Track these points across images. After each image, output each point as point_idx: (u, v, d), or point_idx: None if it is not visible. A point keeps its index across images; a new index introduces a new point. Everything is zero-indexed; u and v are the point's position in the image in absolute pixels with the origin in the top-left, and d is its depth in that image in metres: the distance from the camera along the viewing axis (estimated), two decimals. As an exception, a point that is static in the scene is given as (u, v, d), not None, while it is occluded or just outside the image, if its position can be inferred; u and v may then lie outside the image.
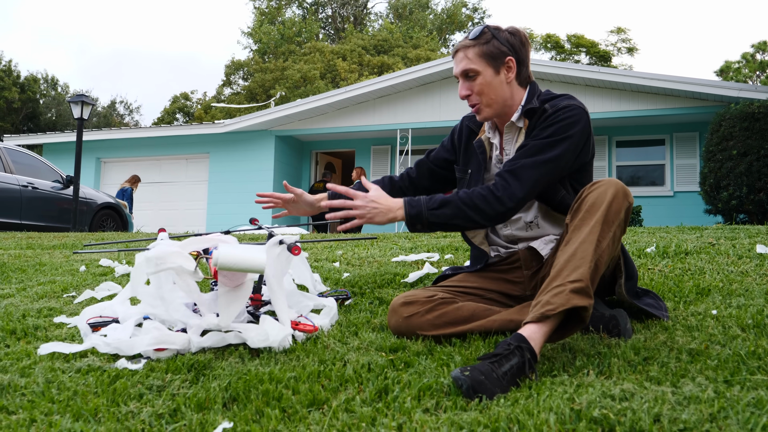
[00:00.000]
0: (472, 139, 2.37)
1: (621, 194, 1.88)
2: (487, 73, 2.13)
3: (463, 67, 2.15)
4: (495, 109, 2.17)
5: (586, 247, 1.79)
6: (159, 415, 1.49)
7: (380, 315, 2.42)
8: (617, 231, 1.87)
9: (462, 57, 2.15)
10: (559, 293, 1.72)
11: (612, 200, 1.85)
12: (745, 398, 1.39)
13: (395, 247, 4.26)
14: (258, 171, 14.15)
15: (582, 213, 1.87)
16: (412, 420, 1.40)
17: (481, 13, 37.84)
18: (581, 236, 1.82)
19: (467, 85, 2.16)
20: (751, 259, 3.14)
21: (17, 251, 5.06)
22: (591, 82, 11.97)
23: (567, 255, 1.80)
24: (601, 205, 1.85)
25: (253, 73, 33.39)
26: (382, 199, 2.06)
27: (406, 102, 13.48)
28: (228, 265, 1.89)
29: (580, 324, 1.75)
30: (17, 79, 30.56)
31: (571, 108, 2.09)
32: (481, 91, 2.14)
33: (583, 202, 1.90)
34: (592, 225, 1.82)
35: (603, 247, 1.81)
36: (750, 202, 9.57)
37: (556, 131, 2.05)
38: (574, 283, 1.72)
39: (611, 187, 1.88)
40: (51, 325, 2.43)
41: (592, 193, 1.90)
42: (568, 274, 1.75)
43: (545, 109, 2.12)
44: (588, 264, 1.76)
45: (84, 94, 11.15)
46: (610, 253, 1.85)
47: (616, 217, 1.86)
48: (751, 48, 27.98)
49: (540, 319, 1.71)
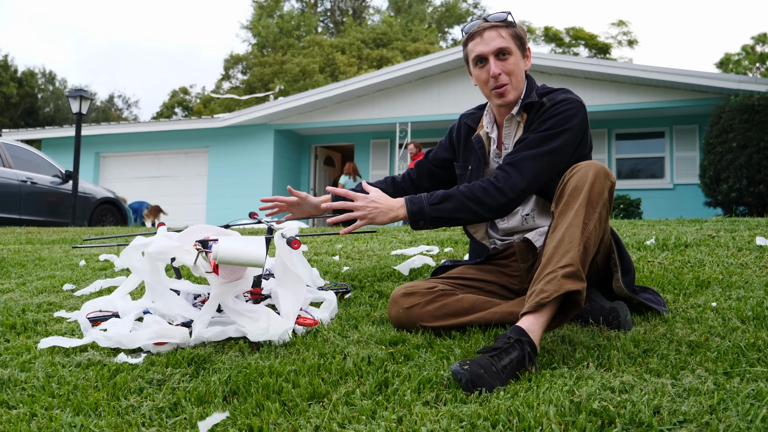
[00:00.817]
0: (470, 136, 2.38)
1: (602, 174, 1.88)
2: (518, 55, 2.16)
3: (499, 45, 2.12)
4: (518, 92, 2.17)
5: (572, 231, 1.80)
6: (159, 408, 1.49)
7: (380, 308, 2.42)
8: (602, 211, 1.87)
9: (496, 35, 2.13)
10: (551, 280, 1.73)
11: (594, 181, 1.86)
12: (745, 390, 1.39)
13: (395, 241, 4.26)
14: (257, 165, 14.14)
15: (565, 198, 1.88)
16: (412, 413, 1.40)
17: (482, 9, 37.75)
18: (567, 221, 1.82)
19: (500, 64, 2.13)
20: (750, 251, 3.14)
21: (17, 246, 5.05)
22: (590, 74, 11.95)
23: (555, 241, 1.81)
24: (582, 187, 1.85)
25: (252, 67, 33.33)
26: (382, 199, 2.06)
27: (405, 95, 13.46)
28: (227, 259, 1.89)
29: (575, 308, 1.76)
30: (15, 74, 30.50)
31: (569, 101, 2.10)
32: (511, 71, 2.14)
33: (565, 186, 1.90)
34: (576, 208, 1.83)
35: (590, 229, 1.82)
36: (750, 194, 9.57)
37: (555, 124, 2.06)
38: (564, 268, 1.73)
39: (591, 168, 1.88)
40: (51, 320, 2.43)
41: (573, 176, 1.90)
42: (558, 260, 1.76)
43: (543, 102, 2.13)
44: (577, 247, 1.77)
45: (82, 88, 11.16)
46: (597, 234, 1.85)
47: (600, 197, 1.86)
48: (751, 40, 27.96)
49: (536, 308, 1.71)
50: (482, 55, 2.15)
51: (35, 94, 32.28)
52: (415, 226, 2.06)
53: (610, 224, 2.19)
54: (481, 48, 2.14)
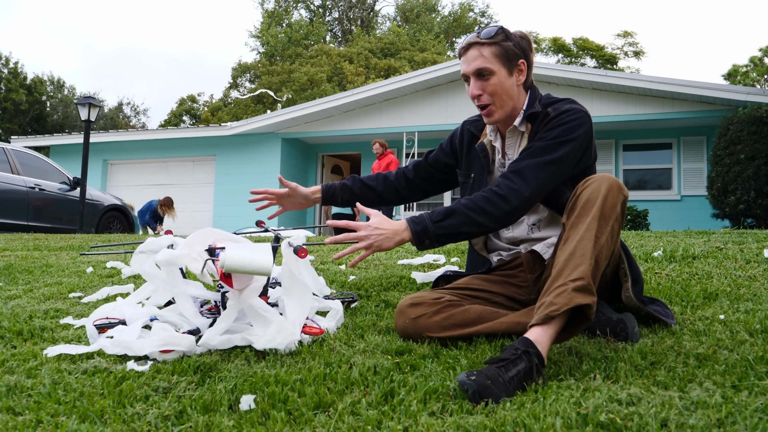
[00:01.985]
0: (474, 143, 2.36)
1: (615, 188, 1.87)
2: (502, 73, 2.11)
3: (477, 66, 2.10)
4: (505, 111, 2.15)
5: (584, 245, 1.78)
6: (165, 416, 1.49)
7: (386, 318, 2.41)
8: (615, 225, 1.86)
9: (476, 55, 2.10)
10: (561, 293, 1.71)
11: (606, 195, 1.85)
12: (753, 404, 1.38)
13: (401, 250, 4.26)
14: (264, 173, 14.17)
15: (578, 210, 1.87)
16: (418, 423, 1.40)
17: (488, 18, 37.83)
18: (579, 234, 1.81)
19: (479, 84, 2.11)
20: (759, 263, 3.13)
21: (24, 252, 5.07)
22: (597, 85, 11.95)
23: (566, 254, 1.79)
24: (595, 200, 1.84)
25: (260, 75, 33.45)
26: (385, 224, 2.02)
27: (412, 105, 13.49)
28: (234, 267, 1.89)
29: (585, 322, 1.75)
30: (24, 81, 30.68)
31: (574, 111, 2.09)
32: (494, 92, 2.11)
33: (578, 199, 1.89)
34: (588, 221, 1.82)
35: (602, 243, 1.80)
36: (758, 206, 9.53)
37: (560, 134, 2.05)
38: (575, 282, 1.72)
39: (605, 182, 1.87)
40: (57, 327, 2.44)
41: (586, 189, 1.89)
42: (569, 273, 1.74)
43: (548, 112, 2.12)
44: (588, 261, 1.75)
45: (91, 96, 11.20)
46: (609, 248, 1.84)
47: (612, 211, 1.85)
48: (759, 51, 27.88)
49: (545, 320, 1.70)
50: (465, 75, 2.16)
51: (44, 102, 32.46)
52: (421, 247, 2.02)
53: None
54: (463, 67, 2.15)
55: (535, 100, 2.18)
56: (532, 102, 2.18)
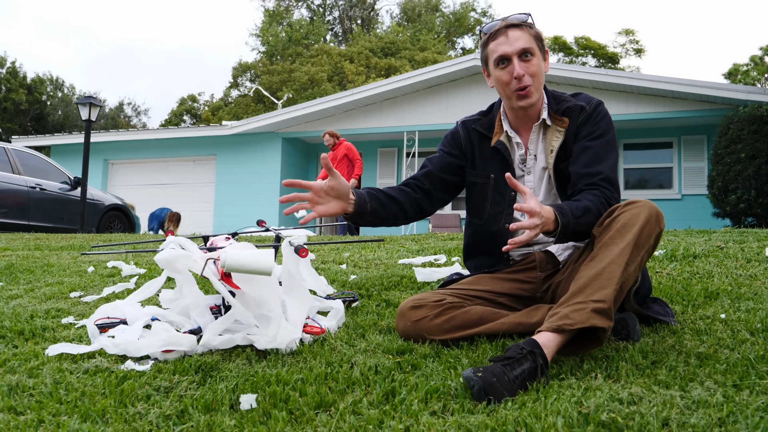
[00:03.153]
0: (485, 142, 2.28)
1: (654, 219, 1.84)
2: (539, 57, 2.12)
3: (523, 45, 2.07)
4: (539, 95, 2.13)
5: (613, 269, 1.75)
6: (166, 416, 1.49)
7: (387, 317, 2.41)
8: (645, 256, 1.84)
9: (520, 35, 2.08)
10: (580, 309, 1.69)
11: (645, 224, 1.82)
12: (755, 402, 1.38)
13: (402, 250, 4.26)
14: (265, 173, 14.18)
15: (613, 231, 1.83)
16: (419, 423, 1.40)
17: (490, 18, 37.80)
18: (610, 256, 1.78)
19: (523, 65, 2.08)
20: (759, 262, 3.13)
21: (25, 252, 5.08)
22: (598, 84, 11.95)
23: (593, 272, 1.76)
24: (633, 227, 1.81)
25: (261, 75, 33.45)
26: (545, 211, 1.86)
27: (413, 104, 13.49)
28: (235, 266, 1.89)
29: (596, 344, 1.73)
30: (24, 81, 30.67)
31: (601, 104, 2.15)
32: (534, 73, 2.09)
33: (614, 220, 1.86)
34: (622, 247, 1.78)
35: (630, 271, 1.78)
36: (758, 205, 9.53)
37: (607, 130, 2.11)
38: (597, 303, 1.70)
39: (645, 209, 1.84)
40: (59, 326, 2.44)
41: (626, 212, 1.85)
42: (592, 292, 1.72)
43: (583, 106, 2.13)
44: (614, 286, 1.73)
45: (91, 95, 11.20)
46: (634, 276, 1.82)
47: (647, 242, 1.82)
48: (760, 51, 27.88)
49: (557, 330, 1.69)
50: (505, 56, 2.09)
51: (44, 101, 32.45)
52: (555, 237, 1.91)
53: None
54: (505, 48, 2.09)
55: (555, 95, 2.19)
56: (554, 97, 2.18)
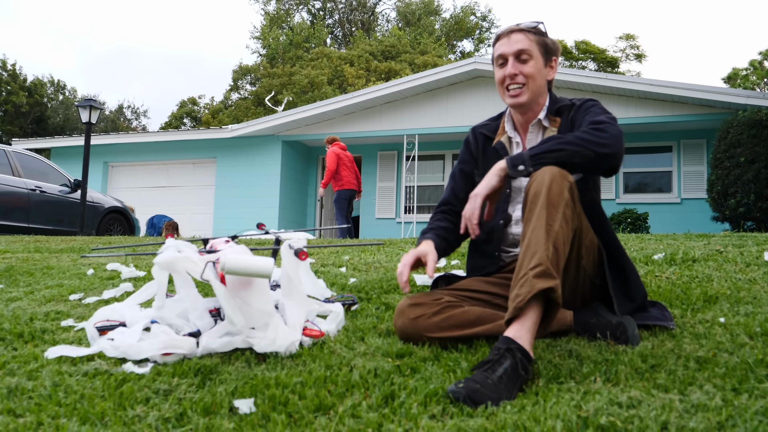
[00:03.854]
0: (488, 145, 2.37)
1: (558, 176, 1.89)
2: (539, 62, 2.20)
3: (521, 47, 2.17)
4: (533, 97, 2.20)
5: (537, 234, 1.81)
6: (165, 419, 1.49)
7: (387, 320, 2.41)
8: (566, 211, 1.87)
9: (521, 38, 2.18)
10: (523, 283, 1.74)
11: (550, 183, 1.86)
12: (753, 406, 1.39)
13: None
14: (265, 176, 14.18)
15: (528, 204, 1.90)
16: (418, 426, 1.40)
17: (489, 22, 37.82)
18: (531, 225, 1.84)
19: (518, 66, 2.18)
20: (759, 266, 3.13)
21: (25, 254, 5.08)
22: (598, 88, 11.96)
23: (524, 247, 1.83)
24: (541, 191, 1.86)
25: (261, 78, 33.47)
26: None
27: (413, 108, 13.50)
28: (235, 269, 1.89)
29: (556, 307, 1.77)
30: (24, 83, 30.68)
31: (591, 100, 2.20)
32: (529, 75, 2.17)
33: (527, 195, 1.92)
34: (537, 212, 1.84)
35: (555, 229, 1.83)
36: (758, 209, 9.54)
37: (597, 110, 2.12)
38: (534, 269, 1.74)
39: (547, 172, 1.89)
40: (58, 329, 2.44)
41: (533, 184, 1.91)
42: (528, 262, 1.78)
43: (573, 103, 2.21)
44: (543, 248, 1.78)
45: (92, 98, 11.21)
46: (566, 233, 1.86)
47: (560, 198, 1.86)
48: (759, 55, 27.93)
49: (515, 313, 1.72)
50: (503, 55, 2.20)
51: (45, 104, 32.45)
52: (514, 172, 1.96)
53: (620, 243, 2.20)
54: (504, 48, 2.20)
55: (556, 99, 2.26)
56: (555, 101, 2.25)
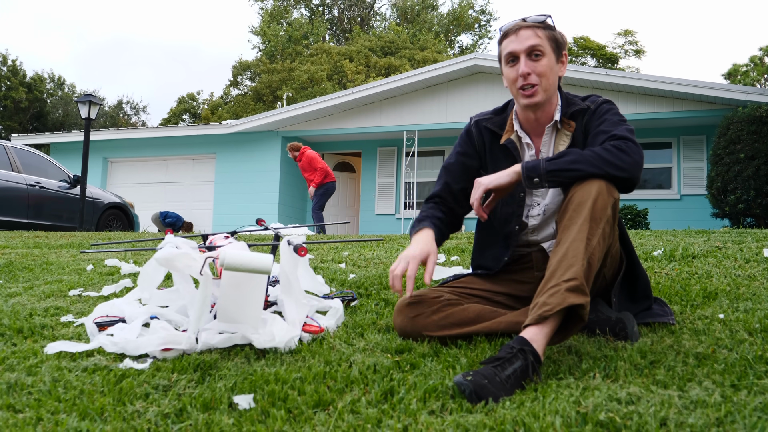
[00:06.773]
0: (495, 141, 2.25)
1: (605, 190, 1.87)
2: (551, 58, 2.10)
3: (533, 44, 2.07)
4: (547, 96, 2.11)
5: (577, 246, 1.79)
6: (165, 414, 1.49)
7: (386, 316, 2.41)
8: (606, 228, 1.86)
9: (531, 34, 2.08)
10: (554, 293, 1.72)
11: (597, 197, 1.85)
12: (753, 403, 1.39)
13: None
14: (264, 172, 14.17)
15: (569, 212, 1.87)
16: (417, 422, 1.40)
17: (488, 15, 37.78)
18: (571, 236, 1.82)
19: (530, 64, 2.07)
20: (758, 262, 3.13)
21: (24, 250, 5.08)
22: (598, 84, 11.95)
23: (559, 255, 1.80)
24: (586, 202, 1.84)
25: (260, 73, 33.43)
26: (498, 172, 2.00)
27: (412, 103, 13.48)
28: (234, 265, 1.89)
29: (579, 323, 1.75)
30: (23, 79, 30.64)
31: (607, 101, 2.13)
32: (543, 73, 2.08)
33: (570, 201, 1.90)
34: (580, 224, 1.82)
35: (593, 245, 1.81)
36: (757, 205, 9.53)
37: (613, 115, 2.07)
38: (568, 282, 1.72)
39: (595, 184, 1.87)
40: (58, 324, 2.44)
41: (578, 192, 1.89)
42: (562, 273, 1.75)
43: (588, 106, 2.13)
44: (580, 262, 1.76)
45: (91, 94, 11.19)
46: (601, 249, 1.85)
47: (603, 213, 1.85)
48: (759, 51, 27.88)
49: (538, 320, 1.70)
50: (514, 53, 2.09)
51: (44, 99, 32.41)
52: (530, 184, 1.95)
53: (635, 252, 2.19)
54: (514, 46, 2.09)
55: (568, 98, 2.17)
56: (566, 100, 2.17)
